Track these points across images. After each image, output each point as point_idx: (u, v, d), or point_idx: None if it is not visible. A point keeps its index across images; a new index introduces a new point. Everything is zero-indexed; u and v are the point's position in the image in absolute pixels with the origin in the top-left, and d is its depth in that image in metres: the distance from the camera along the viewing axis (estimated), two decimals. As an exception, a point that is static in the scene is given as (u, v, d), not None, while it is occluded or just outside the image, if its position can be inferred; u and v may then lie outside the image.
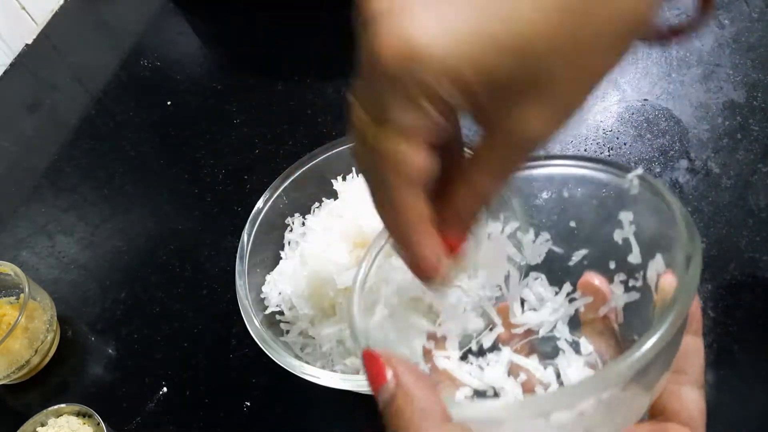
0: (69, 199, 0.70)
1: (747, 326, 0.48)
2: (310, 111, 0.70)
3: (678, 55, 0.65)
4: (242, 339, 0.55)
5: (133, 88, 0.79)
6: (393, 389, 0.22)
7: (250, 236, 0.50)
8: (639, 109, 0.62)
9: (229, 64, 0.80)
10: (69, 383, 0.57)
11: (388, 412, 0.22)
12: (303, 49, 0.77)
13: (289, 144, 0.68)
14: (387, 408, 0.22)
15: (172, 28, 0.84)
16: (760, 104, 0.60)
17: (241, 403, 0.52)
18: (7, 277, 0.58)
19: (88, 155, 0.74)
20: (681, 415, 0.25)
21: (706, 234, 0.54)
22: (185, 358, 0.56)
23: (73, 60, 0.86)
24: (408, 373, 0.22)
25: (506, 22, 0.19)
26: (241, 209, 0.64)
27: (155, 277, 0.62)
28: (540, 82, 0.20)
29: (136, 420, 0.54)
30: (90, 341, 0.60)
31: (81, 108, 0.78)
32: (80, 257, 0.65)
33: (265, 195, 0.52)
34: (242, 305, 0.47)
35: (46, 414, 0.50)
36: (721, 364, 0.47)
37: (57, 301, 0.59)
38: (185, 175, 0.69)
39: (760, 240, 0.53)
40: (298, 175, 0.53)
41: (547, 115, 0.21)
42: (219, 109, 0.73)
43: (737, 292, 0.50)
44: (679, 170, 0.58)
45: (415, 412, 0.21)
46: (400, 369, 0.22)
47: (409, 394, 0.21)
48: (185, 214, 0.66)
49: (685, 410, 0.25)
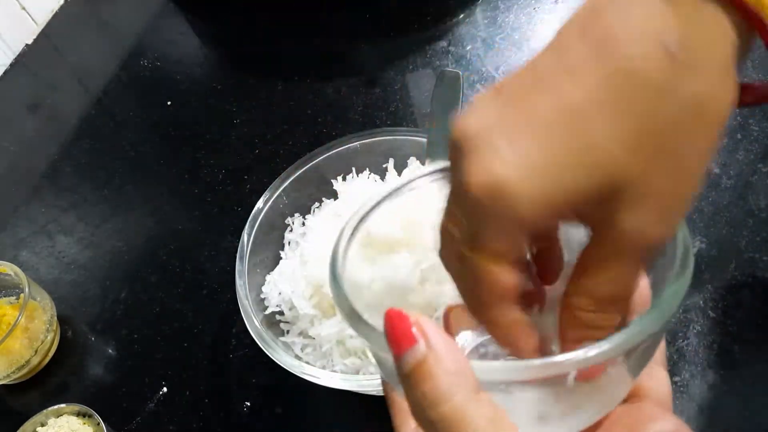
0: (69, 199, 0.70)
1: (747, 326, 0.48)
2: (310, 111, 0.70)
3: (678, 55, 0.65)
4: (242, 339, 0.55)
5: (133, 88, 0.79)
6: (424, 351, 0.20)
7: (250, 236, 0.50)
8: (639, 109, 0.62)
9: (229, 64, 0.80)
10: (69, 383, 0.57)
11: (415, 376, 0.20)
12: (303, 49, 0.77)
13: (289, 144, 0.68)
14: (414, 372, 0.20)
15: (172, 28, 0.84)
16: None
17: (241, 403, 0.52)
18: (7, 277, 0.58)
19: (88, 155, 0.74)
20: (652, 393, 0.25)
21: (706, 234, 0.54)
22: (185, 358, 0.56)
23: (73, 60, 0.86)
24: (439, 335, 0.20)
25: (584, 154, 0.20)
26: (241, 209, 0.64)
27: (155, 277, 0.62)
28: (631, 186, 0.20)
29: (136, 420, 0.54)
30: (90, 341, 0.60)
31: (81, 108, 0.78)
32: (80, 257, 0.65)
33: (265, 195, 0.52)
34: (242, 305, 0.47)
35: (46, 414, 0.50)
36: (721, 364, 0.47)
37: (57, 301, 0.59)
38: (185, 175, 0.69)
39: (760, 240, 0.53)
40: (298, 175, 0.53)
41: (653, 212, 0.21)
42: (219, 109, 0.73)
43: (737, 292, 0.50)
44: (679, 170, 0.58)
45: (447, 376, 0.19)
46: (430, 330, 0.20)
47: (440, 358, 0.20)
48: (185, 214, 0.66)
49: (655, 389, 0.25)
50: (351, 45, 0.75)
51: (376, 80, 0.71)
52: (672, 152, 0.20)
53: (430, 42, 0.73)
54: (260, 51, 0.79)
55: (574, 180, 0.20)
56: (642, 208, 0.21)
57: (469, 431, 0.19)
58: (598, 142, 0.20)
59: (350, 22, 0.77)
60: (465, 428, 0.19)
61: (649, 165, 0.20)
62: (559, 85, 0.21)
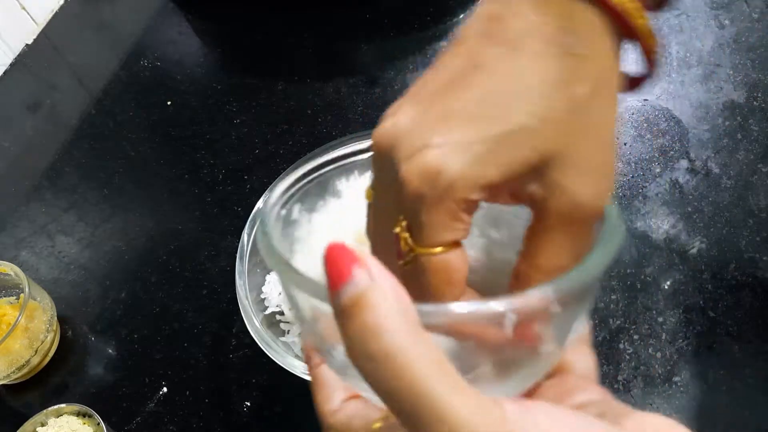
0: (69, 199, 0.70)
1: (747, 326, 0.49)
2: (310, 111, 0.70)
3: (678, 55, 0.65)
4: (242, 339, 0.55)
5: (133, 88, 0.79)
6: (366, 284, 0.18)
7: (250, 236, 0.50)
8: (639, 109, 0.62)
9: (229, 64, 0.80)
10: (69, 383, 0.57)
11: (355, 307, 0.18)
12: (303, 49, 0.77)
13: (289, 144, 0.68)
14: (355, 303, 0.18)
15: (172, 28, 0.84)
16: (760, 104, 0.60)
17: (241, 403, 0.52)
18: (7, 277, 0.58)
19: (88, 155, 0.74)
20: (578, 367, 0.25)
21: (706, 234, 0.54)
22: (185, 358, 0.56)
23: (73, 60, 0.86)
24: (383, 271, 0.19)
25: (509, 134, 0.22)
26: (241, 209, 0.64)
27: (155, 277, 0.62)
28: (560, 157, 0.23)
29: (136, 420, 0.54)
30: (90, 341, 0.60)
31: (81, 108, 0.78)
32: (80, 257, 0.65)
33: (265, 195, 0.52)
34: (242, 305, 0.47)
35: (46, 414, 0.50)
36: (721, 364, 0.47)
37: (57, 301, 0.59)
38: (185, 175, 0.69)
39: (760, 240, 0.53)
40: (299, 176, 0.52)
41: (584, 180, 0.23)
42: (219, 109, 0.73)
43: (737, 292, 0.50)
44: (679, 170, 0.58)
45: (391, 309, 0.18)
46: (374, 266, 0.18)
47: (384, 291, 0.18)
48: (185, 214, 0.66)
49: (581, 364, 0.25)
50: (351, 45, 0.75)
51: (376, 80, 0.71)
52: (589, 124, 0.23)
53: (430, 42, 0.73)
54: (260, 51, 0.79)
55: (505, 155, 0.22)
56: (573, 177, 0.23)
57: (414, 368, 0.17)
58: (521, 121, 0.22)
59: (350, 22, 0.77)
60: (409, 364, 0.17)
61: (570, 138, 0.23)
62: (476, 80, 0.23)
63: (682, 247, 0.54)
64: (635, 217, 0.56)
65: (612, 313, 0.51)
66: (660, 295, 0.51)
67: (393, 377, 0.17)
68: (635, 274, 0.53)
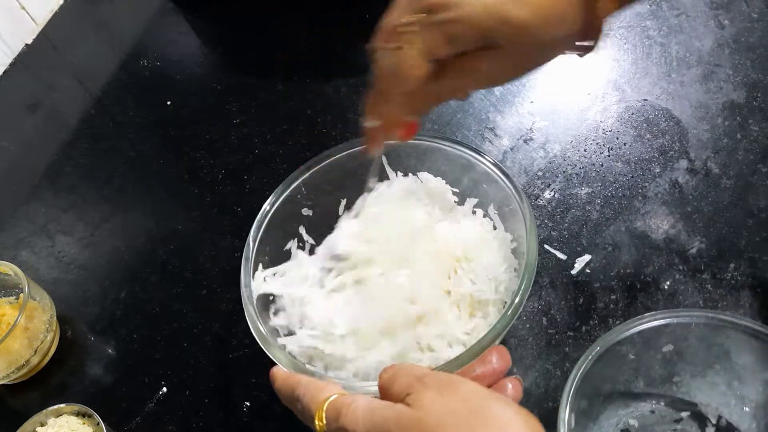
0: (69, 199, 0.70)
1: (747, 326, 0.48)
2: (310, 111, 0.70)
3: (678, 55, 0.65)
4: (242, 339, 0.55)
5: (133, 88, 0.79)
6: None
7: (255, 239, 0.49)
8: (639, 109, 0.62)
9: (229, 64, 0.80)
10: (69, 383, 0.57)
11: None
12: (303, 49, 0.77)
13: (288, 144, 0.68)
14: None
15: (172, 28, 0.84)
16: (760, 104, 0.60)
17: (241, 403, 0.53)
18: (7, 277, 0.58)
19: (88, 155, 0.74)
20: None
21: (706, 234, 0.54)
22: (185, 358, 0.56)
23: (73, 60, 0.86)
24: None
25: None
26: (240, 209, 0.64)
27: (155, 277, 0.62)
28: (507, 44, 0.33)
29: (135, 420, 0.54)
30: (90, 341, 0.60)
31: (81, 108, 0.78)
32: (80, 257, 0.65)
33: (272, 197, 0.51)
34: (246, 306, 0.47)
35: (45, 414, 0.50)
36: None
37: (57, 301, 0.59)
38: (185, 175, 0.69)
39: (760, 240, 0.53)
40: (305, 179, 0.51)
41: (502, 62, 0.34)
42: (219, 109, 0.73)
43: (737, 292, 0.50)
44: (679, 170, 0.58)
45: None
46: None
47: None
48: (185, 214, 0.66)
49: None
50: (351, 45, 0.75)
51: (376, 80, 0.71)
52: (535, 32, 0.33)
53: (430, 42, 0.72)
54: (260, 51, 0.79)
55: (499, 15, 0.32)
56: (502, 54, 0.34)
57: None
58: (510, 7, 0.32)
59: (350, 22, 0.77)
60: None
61: (518, 30, 0.32)
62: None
63: (681, 247, 0.54)
64: (635, 217, 0.56)
65: (612, 313, 0.51)
66: (660, 295, 0.51)
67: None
68: (635, 274, 0.53)
